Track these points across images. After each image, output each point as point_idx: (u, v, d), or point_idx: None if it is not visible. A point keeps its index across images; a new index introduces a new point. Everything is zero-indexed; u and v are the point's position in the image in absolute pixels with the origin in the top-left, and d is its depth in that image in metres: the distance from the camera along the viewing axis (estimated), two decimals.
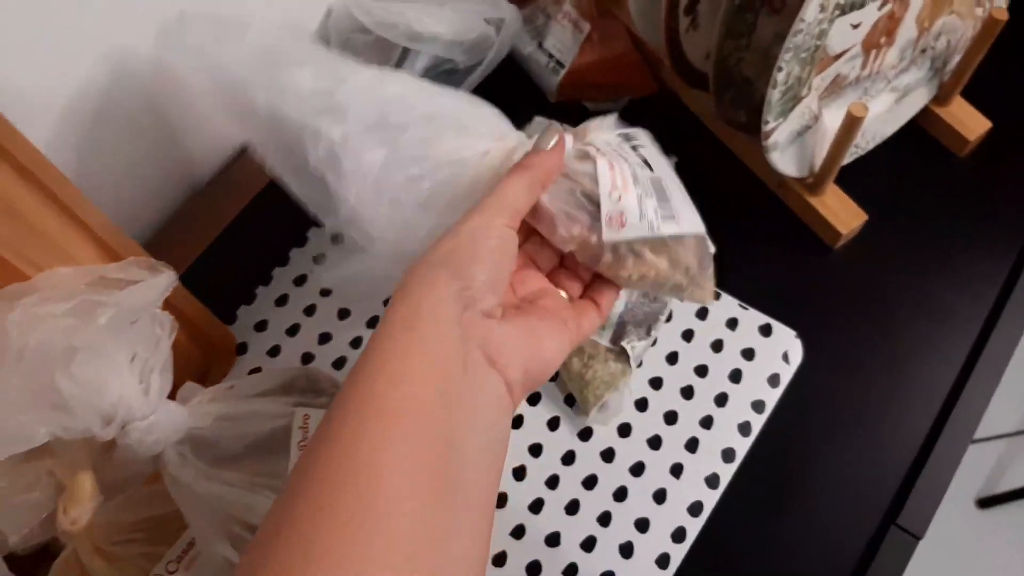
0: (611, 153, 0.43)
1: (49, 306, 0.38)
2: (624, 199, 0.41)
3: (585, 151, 0.43)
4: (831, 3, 0.52)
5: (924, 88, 0.69)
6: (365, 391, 0.33)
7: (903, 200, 0.69)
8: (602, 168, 0.42)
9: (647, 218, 0.42)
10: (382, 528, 0.30)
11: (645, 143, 0.46)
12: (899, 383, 0.62)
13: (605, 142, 0.44)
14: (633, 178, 0.42)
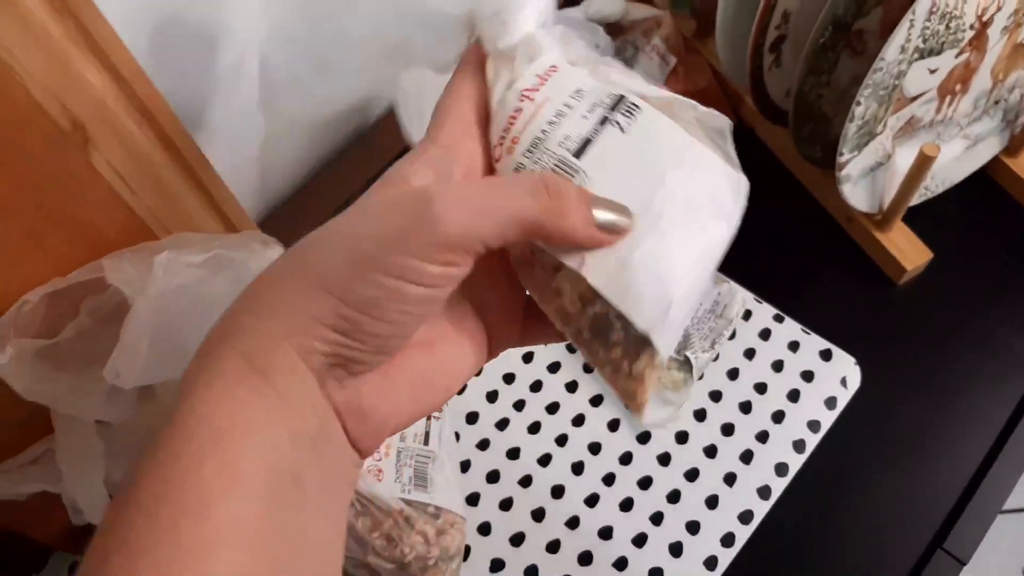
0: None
1: (190, 255, 0.43)
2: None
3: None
4: (911, 46, 0.56)
5: (995, 138, 0.71)
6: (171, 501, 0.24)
7: (968, 243, 0.71)
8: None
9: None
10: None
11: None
12: (953, 415, 0.64)
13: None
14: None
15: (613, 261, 0.29)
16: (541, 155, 0.30)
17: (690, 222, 0.30)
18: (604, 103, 0.30)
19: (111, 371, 0.42)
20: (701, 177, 0.30)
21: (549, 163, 0.30)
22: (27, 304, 0.46)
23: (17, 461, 0.51)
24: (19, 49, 0.39)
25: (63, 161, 0.44)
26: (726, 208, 0.31)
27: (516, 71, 0.31)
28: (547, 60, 0.31)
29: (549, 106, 0.30)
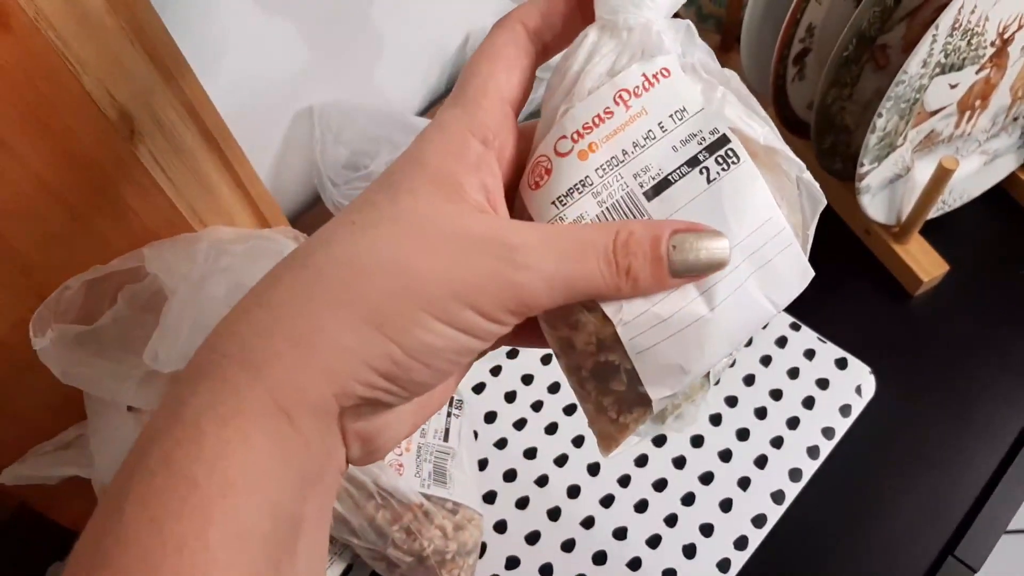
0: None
1: (230, 244, 0.45)
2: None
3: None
4: (933, 61, 0.57)
5: (1013, 155, 0.72)
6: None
7: (984, 257, 0.72)
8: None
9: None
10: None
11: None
12: (967, 425, 0.64)
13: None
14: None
15: (652, 319, 0.27)
16: (612, 179, 0.27)
17: (741, 302, 0.27)
18: (703, 139, 0.27)
19: (150, 353, 0.44)
20: (771, 260, 0.28)
21: (616, 192, 0.27)
22: (68, 290, 0.47)
23: (51, 445, 0.52)
24: (75, 40, 0.41)
25: (109, 150, 0.45)
26: (781, 296, 0.28)
27: (622, 59, 0.28)
28: (661, 61, 0.28)
29: (643, 121, 0.27)
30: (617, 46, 0.28)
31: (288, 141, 0.76)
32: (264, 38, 0.68)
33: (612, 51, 0.28)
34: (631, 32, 0.28)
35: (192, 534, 0.22)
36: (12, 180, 0.42)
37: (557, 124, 0.28)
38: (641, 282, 0.26)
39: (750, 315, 0.28)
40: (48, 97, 0.42)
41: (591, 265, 0.26)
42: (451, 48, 0.84)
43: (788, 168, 0.28)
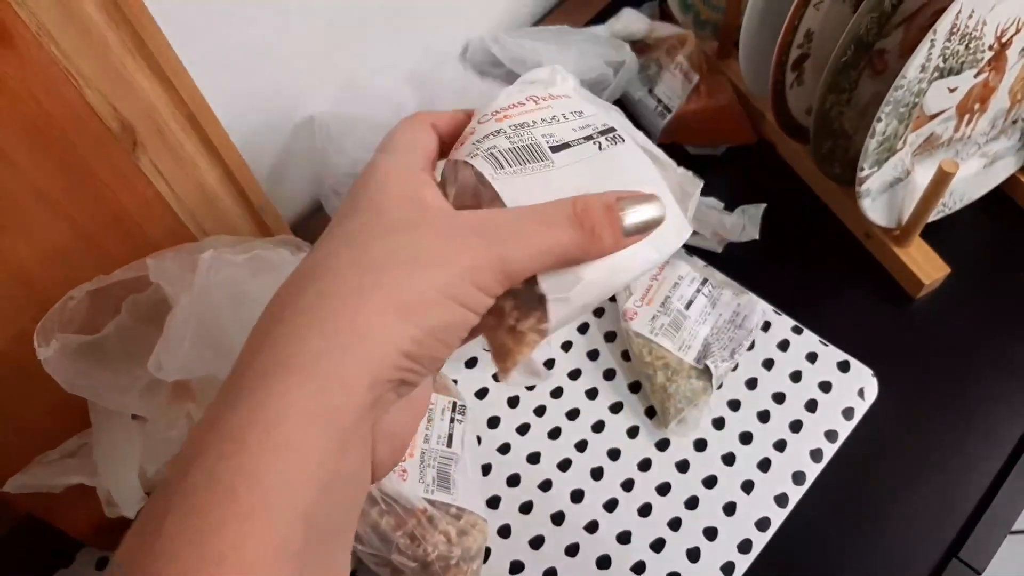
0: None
1: (233, 254, 0.45)
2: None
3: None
4: (931, 65, 0.57)
5: (1013, 157, 0.72)
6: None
7: (985, 259, 0.72)
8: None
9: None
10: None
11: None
12: (970, 428, 0.64)
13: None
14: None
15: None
16: (523, 132, 0.33)
17: (632, 248, 0.32)
18: (595, 127, 0.34)
19: (154, 363, 0.44)
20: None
21: (526, 139, 0.32)
22: (72, 300, 0.47)
23: (56, 453, 0.53)
24: (76, 54, 0.41)
25: (112, 162, 0.46)
26: (664, 243, 0.32)
27: (531, 86, 0.36)
28: (563, 89, 0.36)
29: (548, 111, 0.34)
30: (524, 86, 0.36)
31: (289, 150, 0.76)
32: (264, 49, 0.68)
33: (521, 87, 0.36)
34: (536, 82, 0.37)
35: (231, 548, 0.23)
36: (14, 192, 0.43)
37: (478, 111, 0.34)
38: (604, 240, 0.30)
39: (637, 254, 0.32)
40: (50, 110, 0.42)
41: (563, 230, 0.29)
42: (451, 57, 0.84)
43: (664, 165, 0.35)
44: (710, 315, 0.68)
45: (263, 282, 0.48)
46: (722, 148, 0.82)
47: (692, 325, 0.67)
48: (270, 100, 0.71)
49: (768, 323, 0.70)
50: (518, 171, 0.31)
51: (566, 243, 0.29)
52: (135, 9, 0.42)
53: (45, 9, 0.39)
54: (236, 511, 0.23)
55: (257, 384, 0.25)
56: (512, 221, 0.29)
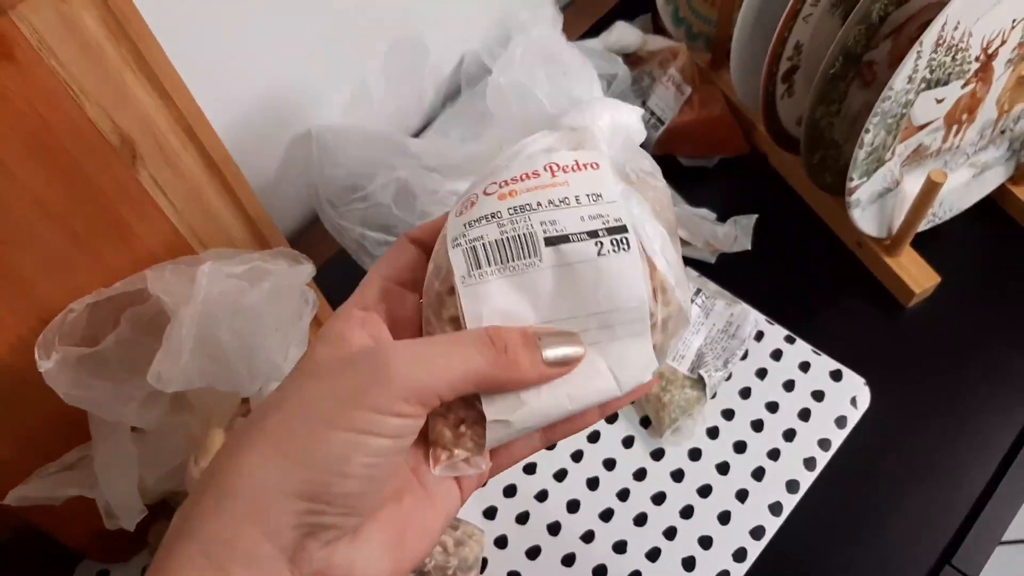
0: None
1: (231, 266, 0.45)
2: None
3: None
4: (918, 76, 0.58)
5: (1001, 167, 0.73)
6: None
7: (975, 268, 0.73)
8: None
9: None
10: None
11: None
12: (961, 434, 0.65)
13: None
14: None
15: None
16: (520, 219, 0.31)
17: (589, 375, 0.31)
18: (607, 221, 0.31)
19: (154, 374, 0.44)
20: (622, 339, 0.31)
21: (521, 228, 0.31)
22: (72, 313, 0.48)
23: (56, 466, 0.53)
24: (76, 68, 0.42)
25: (112, 174, 0.46)
26: (627, 376, 0.31)
27: (560, 145, 0.33)
28: (593, 156, 0.33)
29: (563, 189, 0.31)
30: (561, 136, 0.34)
31: (286, 164, 0.77)
32: (261, 64, 0.69)
33: (552, 138, 0.33)
34: (573, 131, 0.34)
35: None
36: (15, 205, 0.43)
37: (492, 173, 0.33)
38: (522, 365, 0.29)
39: (591, 380, 0.31)
40: (51, 124, 0.42)
41: (473, 352, 0.29)
42: (446, 70, 0.85)
43: (663, 280, 0.32)
44: (703, 325, 0.68)
45: (261, 293, 0.48)
46: (714, 159, 0.83)
47: (686, 335, 0.68)
48: (267, 114, 0.72)
49: (761, 333, 0.71)
50: (496, 271, 0.31)
51: (478, 365, 0.28)
52: (134, 24, 0.43)
53: (46, 23, 0.40)
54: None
55: (166, 542, 0.27)
56: (419, 348, 0.29)
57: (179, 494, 0.60)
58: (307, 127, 0.75)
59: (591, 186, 0.32)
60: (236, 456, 0.27)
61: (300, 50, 0.71)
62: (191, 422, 0.57)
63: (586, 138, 0.33)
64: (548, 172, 0.32)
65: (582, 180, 0.32)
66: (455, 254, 0.31)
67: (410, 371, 0.27)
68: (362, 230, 0.72)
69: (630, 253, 0.31)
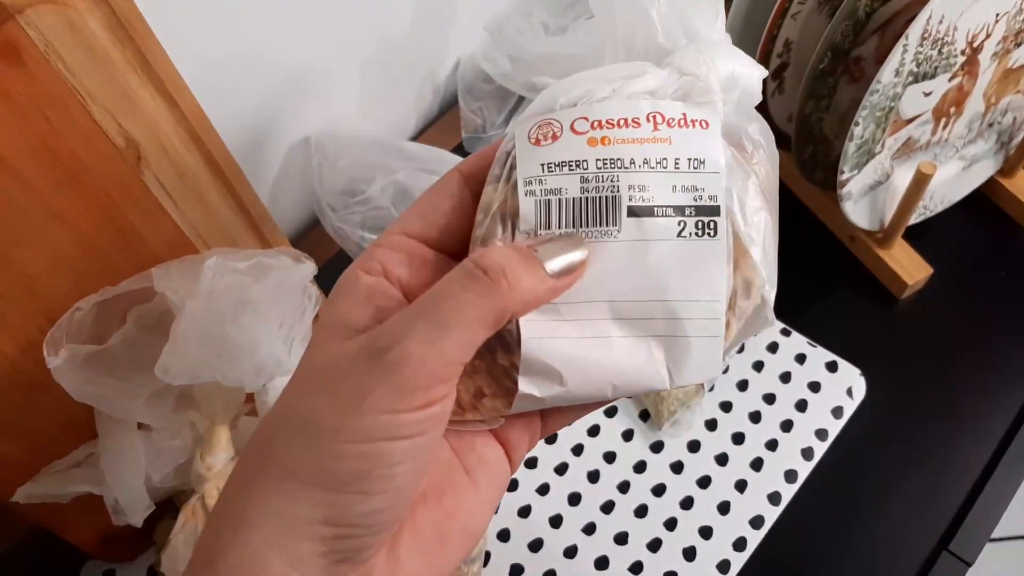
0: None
1: (236, 261, 0.46)
2: None
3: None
4: (905, 70, 0.59)
5: (990, 160, 0.75)
6: None
7: (967, 259, 0.74)
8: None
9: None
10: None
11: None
12: (956, 422, 0.66)
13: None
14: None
15: (552, 325, 0.27)
16: (607, 175, 0.27)
17: (638, 353, 0.27)
18: (700, 196, 0.27)
19: (161, 368, 0.45)
20: (688, 338, 0.27)
21: (605, 189, 0.27)
22: (79, 311, 0.49)
23: (63, 463, 0.54)
24: (83, 72, 0.43)
25: (117, 176, 0.47)
26: (680, 375, 0.28)
27: (667, 89, 0.28)
28: (706, 113, 0.28)
29: (663, 147, 0.27)
30: (669, 78, 0.29)
31: (286, 169, 0.78)
32: (263, 70, 0.70)
33: (659, 78, 0.28)
34: (683, 76, 0.29)
35: None
36: (22, 206, 0.44)
37: (585, 105, 0.28)
38: (522, 276, 0.25)
39: (643, 371, 0.27)
40: (57, 126, 0.44)
41: (460, 296, 0.25)
42: (442, 74, 0.86)
43: (752, 275, 0.28)
44: None
45: (265, 288, 0.49)
46: None
47: None
48: (268, 120, 0.73)
49: None
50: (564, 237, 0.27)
51: (482, 307, 0.24)
52: (139, 28, 0.44)
53: (53, 28, 0.41)
54: None
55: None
56: (410, 319, 0.25)
57: (185, 491, 0.61)
58: (306, 133, 0.77)
59: (696, 149, 0.27)
60: (249, 485, 0.25)
61: (298, 59, 0.73)
62: (197, 419, 0.58)
63: (699, 88, 0.28)
64: (651, 123, 0.27)
65: (687, 139, 0.27)
66: (526, 201, 0.27)
67: (415, 351, 0.23)
68: (362, 232, 0.73)
69: (715, 240, 0.27)
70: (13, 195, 0.43)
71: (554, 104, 0.29)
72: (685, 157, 0.27)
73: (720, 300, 0.27)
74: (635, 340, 0.27)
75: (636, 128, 0.27)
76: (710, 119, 0.28)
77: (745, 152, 0.29)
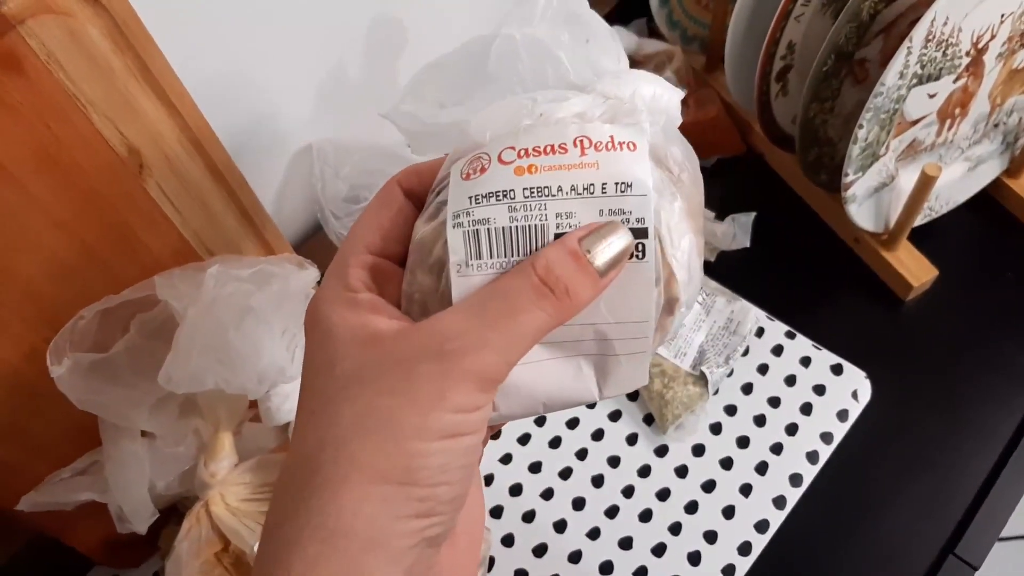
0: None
1: (238, 269, 0.46)
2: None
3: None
4: (909, 72, 0.59)
5: (996, 160, 0.74)
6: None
7: (972, 261, 0.74)
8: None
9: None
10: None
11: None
12: (962, 426, 0.66)
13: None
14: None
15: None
16: (535, 204, 0.27)
17: (571, 381, 0.29)
18: (628, 219, 0.27)
19: (164, 375, 0.45)
20: (618, 355, 0.29)
21: (533, 218, 0.27)
22: (83, 319, 0.49)
23: (68, 471, 0.54)
24: (83, 80, 0.43)
25: (120, 184, 0.47)
26: (608, 389, 0.30)
27: (595, 111, 0.29)
28: (633, 134, 0.28)
29: (590, 173, 0.27)
30: (594, 101, 0.29)
31: (288, 176, 0.78)
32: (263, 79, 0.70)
33: (585, 102, 0.29)
34: (607, 101, 0.29)
35: None
36: (25, 215, 0.44)
37: (511, 135, 0.28)
38: (581, 292, 0.27)
39: (573, 388, 0.29)
40: (59, 135, 0.44)
41: (533, 310, 0.26)
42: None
43: (676, 294, 0.29)
44: (704, 322, 0.69)
45: (268, 295, 0.49)
46: (712, 159, 0.83)
47: (687, 332, 0.69)
48: (271, 127, 0.73)
49: (761, 329, 0.71)
50: (497, 265, 0.27)
51: (543, 322, 0.26)
52: (139, 36, 0.44)
53: (54, 37, 0.41)
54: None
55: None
56: (464, 322, 0.26)
57: (189, 498, 0.61)
58: (308, 141, 0.77)
59: (622, 172, 0.27)
60: (336, 493, 0.25)
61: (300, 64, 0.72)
62: (200, 426, 0.58)
63: (625, 110, 0.29)
64: (578, 148, 0.28)
65: (614, 163, 0.27)
66: (454, 234, 0.27)
67: (491, 361, 0.26)
68: None
69: (644, 262, 0.28)
70: (14, 204, 0.43)
71: (483, 137, 0.29)
72: (612, 181, 0.27)
73: (648, 320, 0.28)
74: (564, 360, 0.29)
75: (563, 154, 0.28)
76: (637, 140, 0.28)
77: (671, 174, 0.29)
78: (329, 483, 0.25)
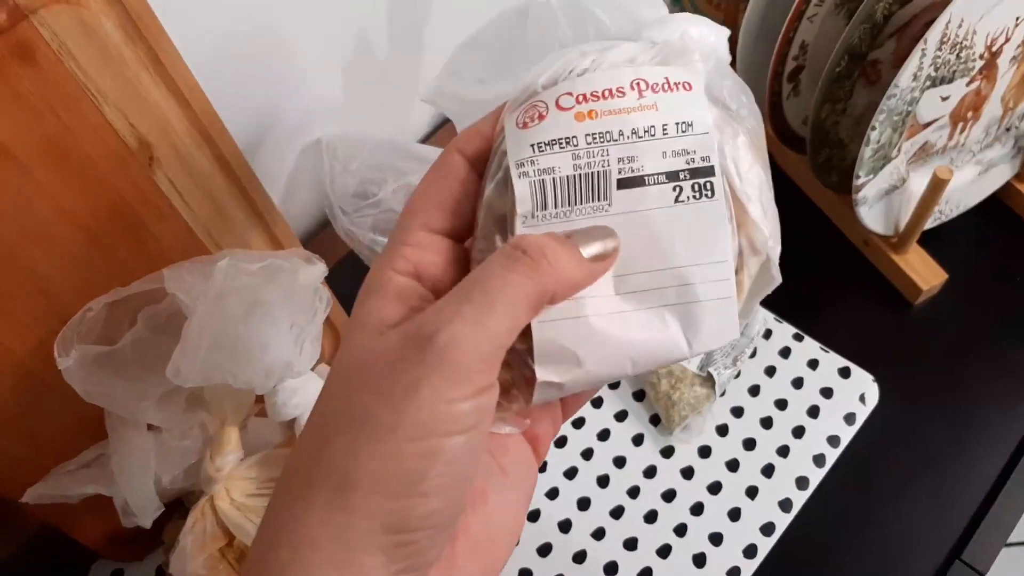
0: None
1: (247, 262, 0.46)
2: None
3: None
4: (923, 74, 0.59)
5: (1007, 164, 0.74)
6: None
7: (982, 265, 0.74)
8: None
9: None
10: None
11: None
12: (969, 430, 0.65)
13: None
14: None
15: (562, 308, 0.27)
16: (597, 150, 0.27)
17: (653, 324, 0.27)
18: (692, 159, 0.27)
19: (172, 369, 0.45)
20: (700, 302, 0.27)
21: (596, 164, 0.27)
22: (90, 312, 0.48)
23: (73, 464, 0.54)
24: (95, 71, 0.43)
25: (129, 176, 0.47)
26: (698, 341, 0.28)
27: (644, 56, 0.28)
28: (687, 74, 0.28)
29: (650, 114, 0.27)
30: (645, 47, 0.29)
31: (297, 171, 0.78)
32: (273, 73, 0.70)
33: (634, 48, 0.29)
34: (655, 46, 0.29)
35: None
36: (34, 206, 0.44)
37: (567, 80, 0.28)
38: (563, 263, 0.25)
39: (660, 342, 0.27)
40: (69, 126, 0.43)
41: (504, 277, 0.24)
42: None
43: (754, 232, 0.28)
44: None
45: (276, 288, 0.49)
46: None
47: None
48: (280, 121, 0.73)
49: (769, 331, 0.71)
50: (562, 214, 0.27)
51: (527, 288, 0.24)
52: (151, 27, 0.44)
53: (65, 27, 0.41)
54: None
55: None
56: (446, 303, 0.24)
57: (194, 492, 0.61)
58: (318, 135, 0.76)
59: (682, 112, 0.27)
60: (303, 497, 0.24)
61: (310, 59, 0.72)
62: (207, 420, 0.58)
63: (675, 52, 0.29)
64: (635, 90, 0.27)
65: (673, 104, 0.27)
66: (521, 184, 0.27)
67: (464, 332, 0.23)
68: (373, 236, 0.73)
69: (714, 200, 0.27)
70: (24, 194, 0.43)
71: (535, 86, 0.29)
72: (673, 122, 0.27)
73: (727, 260, 0.27)
74: (647, 312, 0.27)
75: (621, 98, 0.27)
76: (692, 81, 0.28)
77: (730, 110, 0.29)
78: (300, 487, 0.24)
